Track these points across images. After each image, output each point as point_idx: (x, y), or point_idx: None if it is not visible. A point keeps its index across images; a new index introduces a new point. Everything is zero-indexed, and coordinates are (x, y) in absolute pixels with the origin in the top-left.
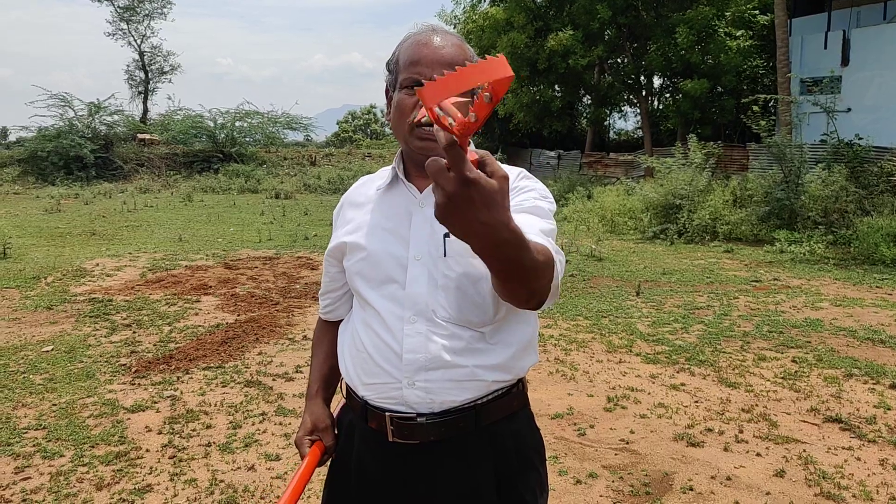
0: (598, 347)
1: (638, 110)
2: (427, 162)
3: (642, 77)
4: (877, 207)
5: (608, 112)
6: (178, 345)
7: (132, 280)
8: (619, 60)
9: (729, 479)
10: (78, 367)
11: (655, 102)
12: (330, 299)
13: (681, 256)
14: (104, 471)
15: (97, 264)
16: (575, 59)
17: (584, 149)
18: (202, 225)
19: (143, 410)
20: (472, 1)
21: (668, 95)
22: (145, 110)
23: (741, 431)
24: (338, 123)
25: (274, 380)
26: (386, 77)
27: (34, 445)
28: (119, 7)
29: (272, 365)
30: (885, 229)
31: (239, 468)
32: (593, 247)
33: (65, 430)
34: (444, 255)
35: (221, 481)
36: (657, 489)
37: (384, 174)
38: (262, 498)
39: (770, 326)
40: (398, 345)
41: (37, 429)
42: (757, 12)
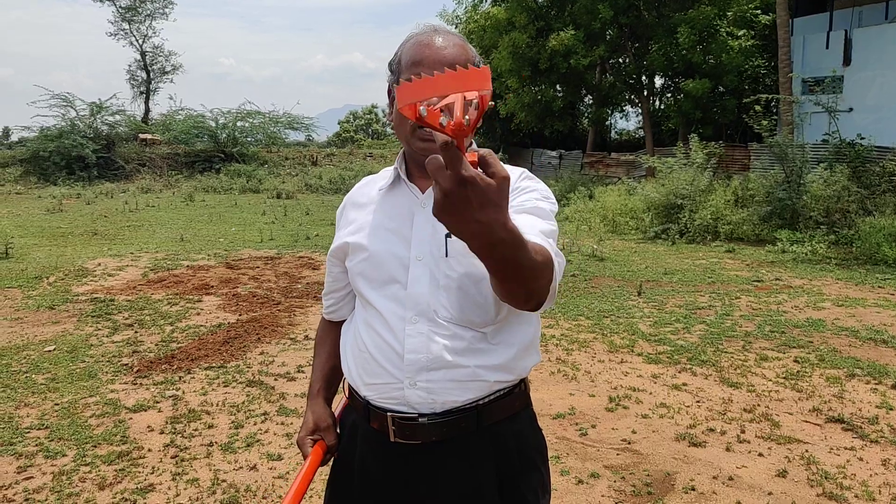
0: (599, 347)
1: (639, 110)
2: (427, 159)
3: (644, 77)
4: (879, 207)
5: (610, 112)
6: (179, 345)
7: (134, 280)
8: (621, 60)
9: (731, 479)
10: (80, 367)
11: (657, 102)
12: (333, 299)
13: (682, 256)
14: (106, 470)
15: (99, 264)
16: (576, 58)
17: (586, 149)
18: (204, 225)
19: (145, 410)
20: (474, 1)
21: (669, 95)
22: (147, 110)
23: (743, 431)
24: (339, 123)
25: (276, 380)
26: (388, 77)
27: (36, 445)
28: (121, 7)
29: (274, 365)
30: (887, 229)
31: (241, 468)
32: (595, 247)
33: (67, 429)
34: (446, 255)
35: (223, 481)
36: (659, 489)
37: (386, 174)
38: (264, 498)
39: (772, 326)
40: (400, 345)
41: (39, 428)
42: (759, 12)
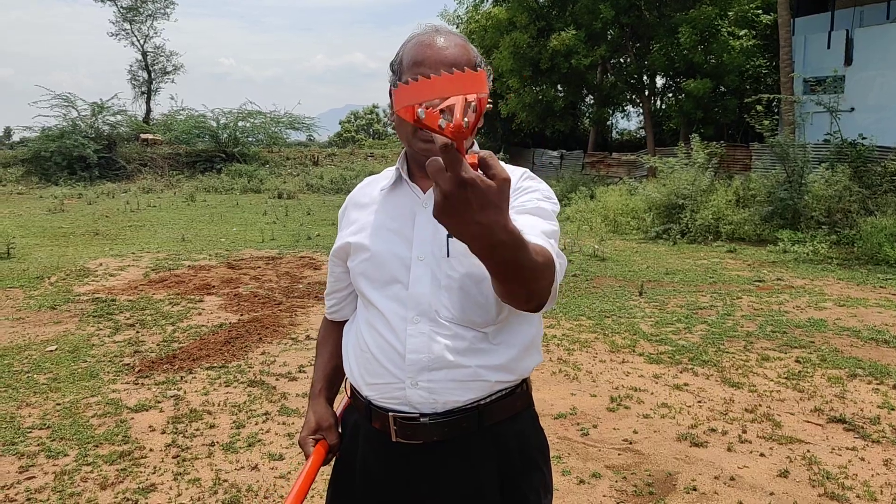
0: (601, 347)
1: (641, 110)
2: (427, 162)
3: (645, 77)
4: (880, 207)
5: (611, 112)
6: (181, 344)
7: (135, 280)
8: (622, 60)
9: (732, 479)
10: (82, 367)
11: (658, 102)
12: (335, 299)
13: (684, 256)
14: (108, 470)
15: (100, 264)
16: (578, 58)
17: (587, 149)
18: (205, 225)
19: (147, 410)
20: (475, 1)
21: (670, 95)
22: (148, 110)
23: (745, 431)
24: (340, 123)
25: (277, 379)
26: (390, 77)
27: (38, 445)
28: (122, 7)
29: (275, 365)
30: (888, 229)
31: (242, 468)
32: (596, 247)
33: (69, 429)
34: (448, 255)
35: (225, 481)
36: (660, 489)
37: (388, 175)
38: (266, 497)
39: (773, 326)
40: (401, 345)
41: (41, 428)
42: (760, 12)
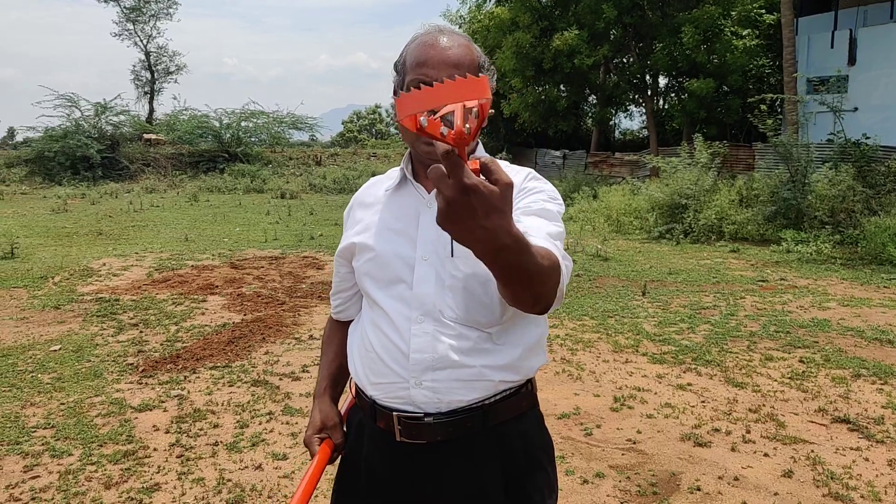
0: (604, 347)
1: (643, 110)
2: (429, 169)
3: (648, 77)
4: (884, 207)
5: (613, 112)
6: (184, 344)
7: (139, 280)
8: (625, 60)
9: (736, 479)
10: (85, 367)
11: (661, 102)
12: (340, 299)
13: (687, 256)
14: (112, 469)
15: (104, 264)
16: (580, 58)
17: (590, 148)
18: (208, 225)
19: (151, 409)
20: (478, 1)
21: (673, 95)
22: (151, 110)
23: (748, 432)
24: (343, 123)
25: (281, 379)
26: (394, 78)
27: (43, 444)
28: (125, 7)
29: (279, 364)
30: (892, 229)
31: (246, 467)
32: (599, 246)
33: (73, 428)
34: (452, 255)
35: (229, 480)
36: (664, 489)
37: (393, 175)
38: (270, 497)
39: (777, 326)
40: (405, 345)
41: (45, 428)
42: (763, 11)
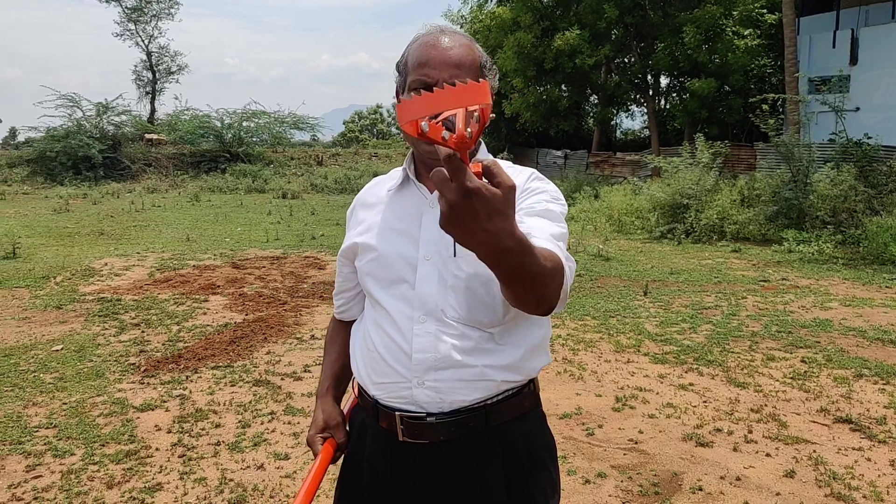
0: (605, 347)
1: (645, 110)
2: (431, 172)
3: (649, 76)
4: (886, 207)
5: (615, 112)
6: (186, 344)
7: (140, 279)
8: (626, 60)
9: (738, 479)
10: (87, 367)
11: (662, 102)
12: (343, 299)
13: (688, 256)
14: (115, 469)
15: (105, 264)
16: (582, 58)
17: (591, 148)
18: (210, 225)
19: (153, 409)
20: (479, 1)
21: (675, 95)
22: (153, 110)
23: (750, 432)
24: (344, 123)
25: (282, 379)
26: (396, 79)
27: (45, 444)
28: (127, 8)
29: (280, 364)
30: (894, 229)
31: (248, 467)
32: (600, 246)
33: (75, 428)
34: (454, 255)
35: (231, 480)
36: (666, 489)
37: (396, 175)
38: (272, 497)
39: (779, 326)
40: (408, 344)
41: (47, 427)
42: (765, 11)
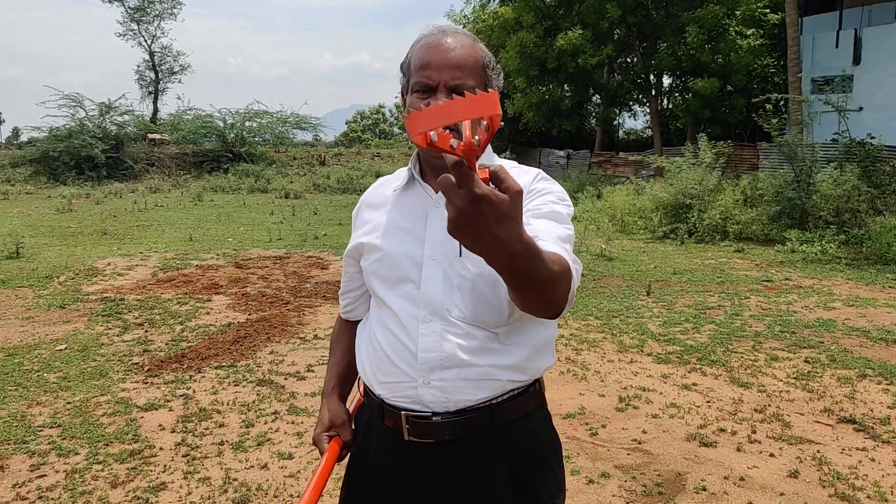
0: (609, 347)
1: (647, 110)
2: (439, 179)
3: (652, 76)
4: (889, 207)
5: (618, 111)
6: (190, 344)
7: (143, 279)
8: (629, 60)
9: (742, 479)
10: (91, 366)
11: (665, 102)
12: (349, 299)
13: (691, 256)
14: (119, 469)
15: (109, 263)
16: (584, 58)
17: (594, 148)
18: (212, 224)
19: (157, 409)
20: (482, 0)
21: (677, 95)
22: (155, 110)
23: (754, 432)
24: (346, 123)
25: (286, 379)
26: (400, 79)
27: (49, 443)
28: (129, 8)
29: (284, 364)
30: None
31: (252, 467)
32: (603, 246)
33: (79, 428)
34: (460, 254)
35: (235, 479)
36: (670, 489)
37: (401, 175)
38: (276, 496)
39: (782, 326)
40: (413, 344)
41: (51, 427)
42: (767, 11)
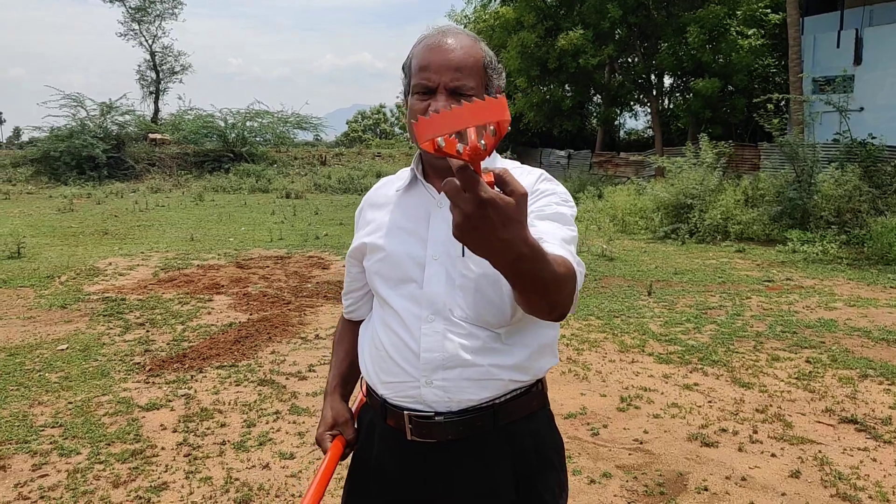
0: (610, 347)
1: (648, 110)
2: (443, 183)
3: (653, 76)
4: (890, 207)
5: (619, 111)
6: (191, 344)
7: (145, 279)
8: (630, 60)
9: (744, 479)
10: (93, 366)
11: (666, 102)
12: (352, 299)
13: (692, 256)
14: (120, 468)
15: (110, 263)
16: (585, 58)
17: (595, 148)
18: (213, 224)
19: (158, 409)
20: (483, 0)
21: (678, 95)
22: (156, 110)
23: (755, 432)
24: (347, 123)
25: (287, 379)
26: (402, 80)
27: (51, 443)
28: (131, 8)
29: (285, 364)
30: None
31: (254, 466)
32: (604, 246)
33: (81, 427)
34: (463, 254)
35: (236, 479)
36: (671, 489)
37: (404, 175)
38: (277, 496)
39: (783, 326)
40: (416, 344)
41: (53, 426)
42: (769, 11)
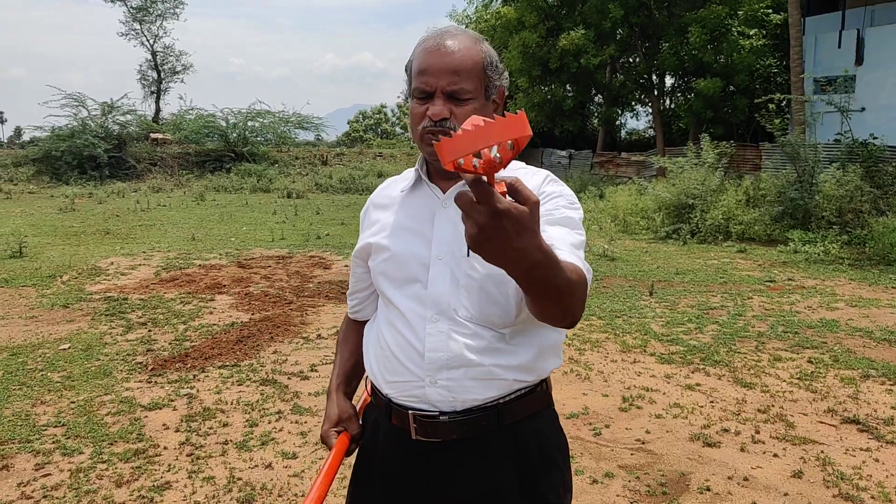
0: (612, 347)
1: (650, 110)
2: (456, 195)
3: (654, 76)
4: (892, 207)
5: (620, 111)
6: (193, 343)
7: (146, 279)
8: (632, 60)
9: (746, 479)
10: (95, 365)
11: (667, 102)
12: (357, 299)
13: (694, 256)
14: (123, 468)
15: (112, 263)
16: (587, 58)
17: (596, 148)
18: (215, 224)
19: (161, 408)
20: (484, 0)
21: (680, 95)
22: (158, 110)
23: (758, 432)
24: (348, 123)
25: (289, 378)
26: (405, 81)
27: (54, 442)
28: (132, 7)
29: (287, 363)
30: None
31: (256, 466)
32: (606, 246)
33: (83, 427)
34: (468, 255)
35: (239, 479)
36: (674, 489)
37: (408, 176)
38: (280, 496)
39: (785, 327)
40: (420, 343)
41: (56, 426)
42: (770, 11)
